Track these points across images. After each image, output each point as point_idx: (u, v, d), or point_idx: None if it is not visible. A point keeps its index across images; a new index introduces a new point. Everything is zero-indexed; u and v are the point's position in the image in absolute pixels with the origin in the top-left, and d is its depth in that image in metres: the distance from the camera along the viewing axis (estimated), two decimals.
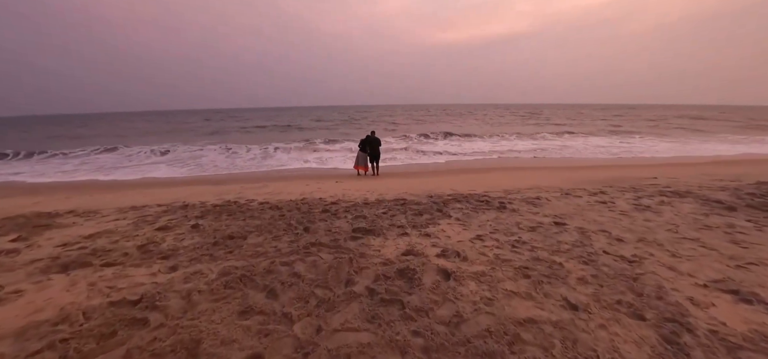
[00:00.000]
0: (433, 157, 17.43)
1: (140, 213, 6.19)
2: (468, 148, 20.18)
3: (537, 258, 3.73)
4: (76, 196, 9.26)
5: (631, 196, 6.60)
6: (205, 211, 6.08)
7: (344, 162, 16.38)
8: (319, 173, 13.73)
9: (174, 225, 5.20)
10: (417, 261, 3.65)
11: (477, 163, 15.62)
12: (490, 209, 5.79)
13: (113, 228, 5.14)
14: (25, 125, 61.14)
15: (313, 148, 21.75)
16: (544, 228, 4.76)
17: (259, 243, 4.31)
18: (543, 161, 15.87)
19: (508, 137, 24.34)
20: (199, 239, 4.52)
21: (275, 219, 5.38)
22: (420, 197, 6.97)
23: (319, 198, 7.22)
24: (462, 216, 5.34)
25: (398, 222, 5.09)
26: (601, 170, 11.71)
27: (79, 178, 14.06)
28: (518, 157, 17.13)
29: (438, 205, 6.05)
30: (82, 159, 19.23)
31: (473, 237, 4.41)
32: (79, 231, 5.08)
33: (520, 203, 6.19)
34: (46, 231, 5.21)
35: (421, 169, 14.32)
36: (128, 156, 19.93)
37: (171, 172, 15.08)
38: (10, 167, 17.52)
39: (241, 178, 12.97)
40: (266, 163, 16.66)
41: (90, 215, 6.15)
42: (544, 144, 21.85)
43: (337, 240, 4.32)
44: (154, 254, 4.03)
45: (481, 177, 10.67)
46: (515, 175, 10.99)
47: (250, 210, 6.13)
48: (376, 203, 6.39)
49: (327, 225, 4.97)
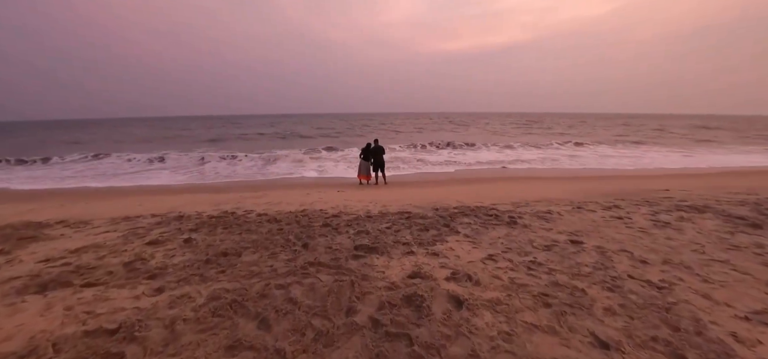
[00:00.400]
0: (437, 167, 17.13)
1: (132, 224, 5.90)
2: (472, 158, 19.88)
3: (556, 283, 3.40)
4: (71, 204, 9.00)
5: (647, 211, 6.26)
6: (201, 224, 5.78)
7: (346, 170, 16.10)
8: (321, 182, 13.45)
9: (166, 239, 4.90)
10: (425, 285, 3.32)
11: (482, 173, 15.31)
12: (500, 224, 5.47)
13: (101, 242, 4.84)
14: (25, 130, 61.31)
15: (314, 155, 21.51)
16: (559, 247, 4.43)
17: (255, 261, 4.00)
18: (550, 171, 15.55)
19: (514, 147, 24.03)
20: (190, 256, 4.21)
21: (273, 234, 5.07)
22: (425, 210, 6.66)
23: (319, 209, 6.91)
24: (471, 233, 5.02)
25: (403, 238, 4.77)
26: (609, 181, 11.37)
27: (77, 185, 13.82)
28: (530, 167, 16.80)
29: (445, 220, 5.73)
30: (82, 165, 19.04)
31: (485, 256, 4.09)
32: (66, 245, 4.78)
33: (532, 218, 5.86)
34: (31, 243, 4.92)
35: (425, 179, 14.01)
36: (128, 162, 19.73)
37: (170, 179, 14.83)
38: (11, 172, 17.32)
39: (240, 186, 12.71)
40: (266, 171, 16.40)
41: (80, 226, 5.86)
42: (550, 153, 21.53)
43: (337, 259, 4.00)
44: (141, 273, 3.72)
45: (487, 187, 10.36)
46: (522, 185, 10.67)
47: (248, 222, 5.82)
48: (380, 216, 6.08)
49: (327, 241, 4.66)
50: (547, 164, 17.32)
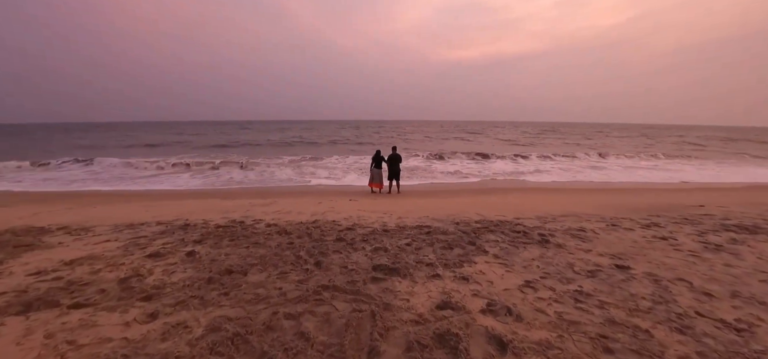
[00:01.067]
0: (450, 177, 16.59)
1: (135, 233, 5.54)
2: (486, 167, 19.27)
3: (612, 321, 2.86)
4: (78, 208, 8.74)
5: (691, 231, 5.65)
6: (206, 234, 5.38)
7: (357, 178, 15.68)
8: (332, 189, 13.03)
9: (167, 251, 4.50)
10: (458, 319, 2.83)
11: (499, 184, 14.72)
12: (530, 243, 4.93)
13: (99, 254, 4.46)
14: (33, 132, 62.79)
15: (325, 162, 21.18)
16: (604, 272, 3.89)
17: (262, 282, 3.56)
18: (572, 183, 14.86)
19: (530, 156, 23.30)
20: (191, 272, 3.79)
21: (282, 248, 4.63)
22: (445, 223, 6.16)
23: (332, 221, 6.47)
24: (500, 252, 4.50)
25: (426, 258, 4.28)
26: (636, 194, 10.68)
27: (88, 188, 13.69)
28: (551, 179, 16.14)
29: (469, 236, 5.22)
30: (96, 167, 19.05)
31: (521, 283, 3.57)
32: (62, 255, 4.42)
33: (564, 236, 5.31)
34: (26, 252, 4.57)
35: (438, 189, 13.49)
36: (136, 167, 19.68)
37: (180, 184, 14.61)
38: (24, 174, 17.39)
39: (250, 192, 12.37)
40: (277, 177, 16.08)
41: (81, 234, 5.52)
42: (568, 163, 20.77)
43: (354, 282, 3.53)
44: (135, 293, 3.31)
45: (506, 199, 9.79)
46: (543, 197, 10.07)
47: (256, 234, 5.40)
48: (397, 230, 5.60)
49: (342, 259, 4.19)
50: (567, 176, 16.61)
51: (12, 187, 13.72)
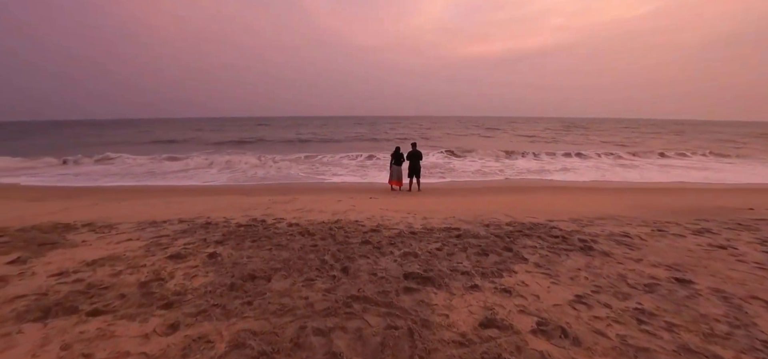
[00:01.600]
0: (471, 175, 16.10)
1: (157, 231, 5.42)
2: (509, 165, 18.64)
3: (687, 349, 2.46)
4: (105, 203, 8.82)
5: (750, 238, 5.08)
6: (228, 234, 5.20)
7: (376, 175, 15.41)
8: (351, 186, 12.81)
9: (189, 252, 4.32)
10: (507, 341, 2.49)
11: (524, 182, 14.15)
12: (572, 249, 4.51)
13: (121, 253, 4.33)
14: (59, 129, 65.33)
15: (342, 159, 21.02)
16: (663, 287, 3.45)
17: (286, 289, 3.30)
18: (603, 182, 14.12)
19: (555, 154, 22.39)
20: (213, 277, 3.59)
21: (306, 251, 4.38)
22: (474, 225, 5.79)
23: (354, 220, 6.20)
24: (541, 261, 4.11)
25: (460, 265, 3.94)
26: (676, 194, 9.96)
27: (114, 183, 13.96)
28: (582, 180, 15.43)
29: (503, 241, 4.84)
30: (120, 164, 19.52)
31: (571, 297, 3.19)
32: (84, 255, 4.32)
33: (608, 242, 4.85)
34: (50, 251, 4.49)
35: (460, 187, 13.06)
36: (160, 162, 20.03)
37: (204, 180, 14.71)
38: (61, 168, 17.97)
39: (270, 188, 12.29)
40: (295, 174, 16.00)
41: (105, 231, 5.45)
42: (594, 161, 19.84)
43: (386, 292, 3.23)
44: (156, 299, 3.12)
45: (535, 199, 9.30)
46: (575, 197, 9.51)
47: (278, 234, 5.19)
48: (425, 233, 5.27)
49: (370, 265, 3.90)
50: (596, 174, 15.82)
51: (45, 182, 14.15)
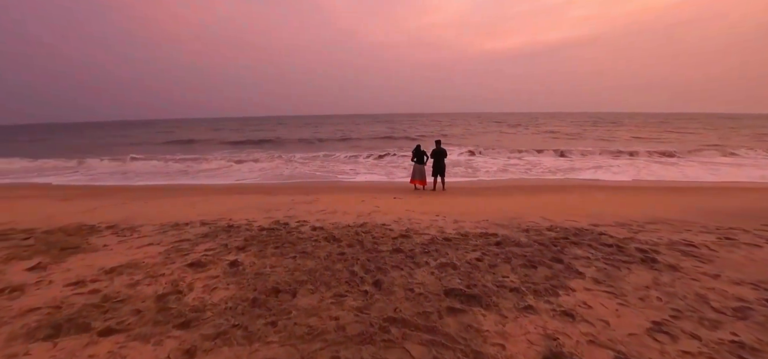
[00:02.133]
0: (496, 173, 15.40)
1: (179, 234, 5.19)
2: (535, 162, 17.76)
3: None
4: (130, 203, 8.79)
5: None
6: (250, 238, 4.90)
7: (397, 174, 14.98)
8: (373, 185, 12.43)
9: (209, 260, 4.03)
10: None
11: (555, 181, 13.37)
12: (632, 261, 3.93)
13: (140, 260, 4.09)
14: (98, 129, 68.13)
15: (362, 157, 20.70)
16: (757, 312, 2.84)
17: (314, 307, 2.93)
18: (642, 181, 13.15)
19: (584, 150, 21.20)
20: (234, 290, 3.26)
21: (333, 260, 4.01)
22: (511, 230, 5.26)
23: (381, 224, 5.79)
24: (599, 275, 3.56)
25: (506, 279, 3.45)
26: (734, 195, 8.99)
27: (144, 183, 14.14)
28: (618, 179, 14.50)
29: (549, 250, 4.30)
30: (150, 163, 19.91)
31: (648, 325, 2.65)
32: (103, 261, 4.10)
33: (671, 252, 4.23)
34: (71, 255, 4.32)
35: (486, 186, 12.44)
36: (181, 162, 20.32)
37: (223, 179, 14.71)
38: (96, 167, 18.51)
39: (291, 188, 12.07)
40: (315, 173, 15.78)
41: (127, 235, 5.27)
42: (626, 158, 18.63)
43: (427, 313, 2.80)
44: (172, 316, 2.81)
45: (568, 199, 8.61)
46: (614, 198, 8.76)
47: (302, 239, 4.84)
48: (460, 239, 4.79)
49: (405, 279, 3.48)
50: (631, 172, 14.79)
51: (76, 181, 14.52)
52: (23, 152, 25.20)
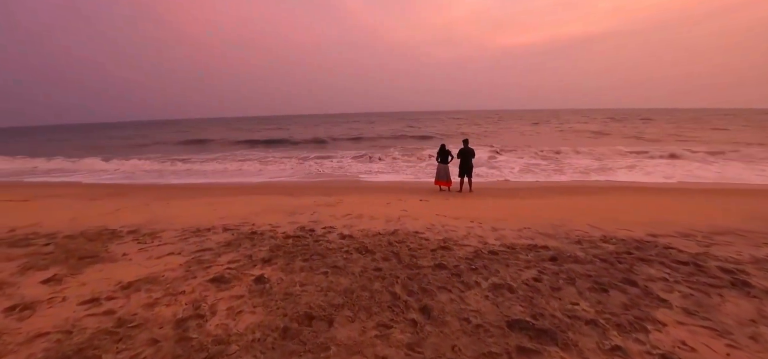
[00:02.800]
0: (523, 174, 14.63)
1: (201, 242, 4.83)
2: (564, 162, 16.82)
3: None
4: (154, 203, 8.60)
5: None
6: (275, 248, 4.49)
7: (419, 173, 14.44)
8: (396, 185, 11.93)
9: (233, 275, 3.63)
10: None
11: (590, 182, 12.54)
12: (721, 285, 3.29)
13: (160, 273, 3.73)
14: (143, 128, 70.10)
15: (382, 155, 20.23)
16: None
17: (355, 341, 2.46)
18: (689, 183, 12.16)
19: (618, 149, 19.91)
20: (262, 315, 2.82)
21: (369, 277, 3.53)
22: (561, 241, 4.66)
23: (414, 231, 5.29)
24: (688, 304, 2.95)
25: (577, 307, 2.88)
26: None
27: (162, 181, 14.11)
28: (655, 181, 13.53)
29: (615, 267, 3.70)
30: (161, 163, 20.04)
31: None
32: (122, 274, 3.76)
33: (763, 273, 3.56)
34: (89, 266, 4.01)
35: (516, 187, 11.74)
36: (200, 163, 20.35)
37: (244, 178, 14.53)
38: (124, 166, 18.75)
39: (312, 187, 11.71)
40: (338, 173, 15.41)
41: (148, 241, 4.95)
42: (663, 159, 17.37)
43: (493, 355, 2.29)
44: (193, 350, 2.39)
45: (609, 201, 7.88)
46: (661, 201, 7.96)
47: (331, 250, 4.39)
48: (507, 252, 4.23)
49: (456, 304, 2.96)
50: (669, 171, 13.75)
51: (108, 180, 14.64)
52: (66, 152, 26.01)
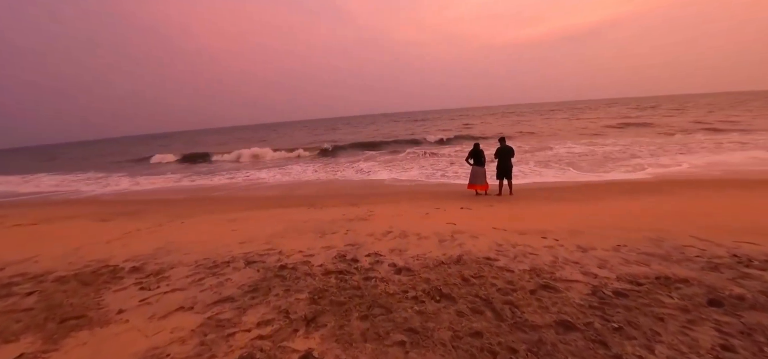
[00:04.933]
0: (558, 173, 13.25)
1: (218, 286, 3.61)
2: (596, 153, 15.38)
3: None
4: (169, 224, 7.51)
5: None
6: (316, 293, 3.25)
7: (443, 175, 13.17)
8: (423, 189, 10.69)
9: (268, 353, 2.41)
10: None
11: (642, 178, 11.12)
12: None
13: (163, 348, 2.54)
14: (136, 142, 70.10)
15: (402, 157, 18.99)
16: None
17: None
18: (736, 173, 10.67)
19: (652, 137, 18.41)
20: None
21: (469, 349, 2.28)
22: (695, 268, 3.35)
23: (486, 258, 4.01)
24: None
25: None
26: None
27: (175, 189, 13.09)
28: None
29: None
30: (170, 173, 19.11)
31: None
32: (111, 349, 2.60)
33: None
34: (71, 335, 2.82)
35: (556, 186, 10.40)
36: (214, 175, 19.38)
37: (260, 188, 13.42)
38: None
39: (334, 195, 10.51)
40: (359, 177, 14.21)
41: (153, 286, 3.76)
42: (710, 146, 15.76)
43: None
44: None
45: (683, 202, 6.52)
46: (743, 199, 6.57)
47: (390, 294, 3.13)
48: (636, 290, 2.91)
49: None
50: (728, 158, 12.25)
51: (126, 190, 13.69)
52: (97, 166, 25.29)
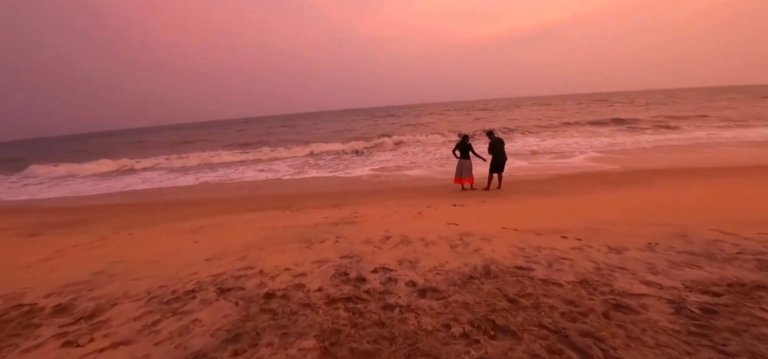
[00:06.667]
0: (539, 160, 13.16)
1: (181, 333, 2.51)
2: (561, 146, 15.60)
3: None
4: (114, 236, 6.09)
5: None
6: (325, 337, 2.27)
7: (422, 169, 12.54)
8: (409, 186, 9.95)
9: None
10: None
11: (635, 169, 11.18)
12: None
13: None
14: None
15: (374, 151, 18.16)
16: None
17: None
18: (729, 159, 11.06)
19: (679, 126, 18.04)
20: None
21: None
22: (742, 267, 2.90)
23: (518, 268, 3.31)
24: None
25: None
26: None
27: (148, 187, 11.24)
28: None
29: None
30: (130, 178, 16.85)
31: None
32: None
33: None
34: None
35: (543, 178, 10.15)
36: (183, 166, 17.35)
37: (225, 189, 11.93)
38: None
39: (310, 195, 9.45)
40: (324, 174, 13.15)
41: (84, 340, 2.58)
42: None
43: None
44: None
45: (677, 193, 6.38)
46: (737, 187, 6.57)
47: (429, 332, 2.27)
48: (721, 304, 2.37)
49: None
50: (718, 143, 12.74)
51: (76, 191, 11.47)
52: None
